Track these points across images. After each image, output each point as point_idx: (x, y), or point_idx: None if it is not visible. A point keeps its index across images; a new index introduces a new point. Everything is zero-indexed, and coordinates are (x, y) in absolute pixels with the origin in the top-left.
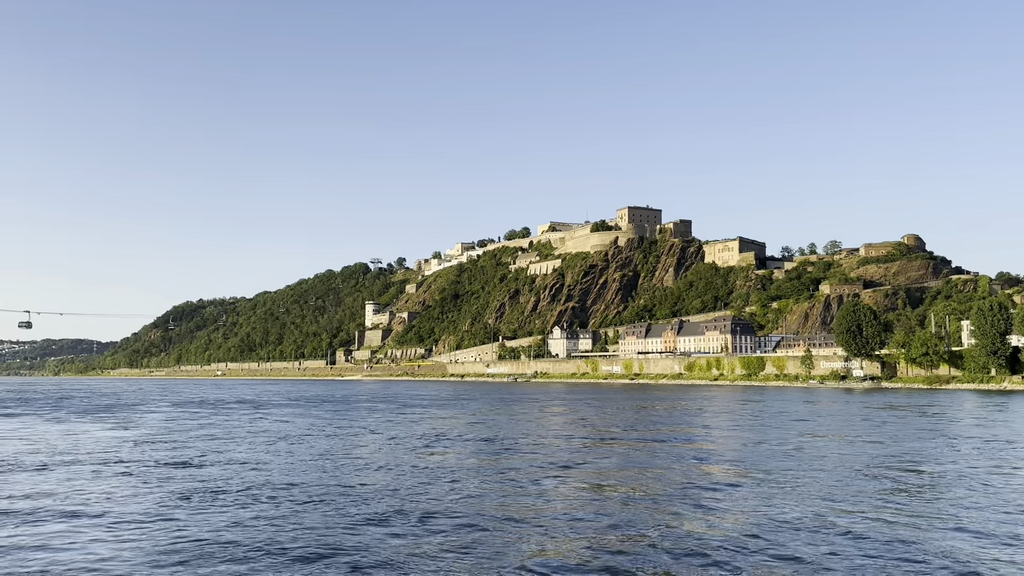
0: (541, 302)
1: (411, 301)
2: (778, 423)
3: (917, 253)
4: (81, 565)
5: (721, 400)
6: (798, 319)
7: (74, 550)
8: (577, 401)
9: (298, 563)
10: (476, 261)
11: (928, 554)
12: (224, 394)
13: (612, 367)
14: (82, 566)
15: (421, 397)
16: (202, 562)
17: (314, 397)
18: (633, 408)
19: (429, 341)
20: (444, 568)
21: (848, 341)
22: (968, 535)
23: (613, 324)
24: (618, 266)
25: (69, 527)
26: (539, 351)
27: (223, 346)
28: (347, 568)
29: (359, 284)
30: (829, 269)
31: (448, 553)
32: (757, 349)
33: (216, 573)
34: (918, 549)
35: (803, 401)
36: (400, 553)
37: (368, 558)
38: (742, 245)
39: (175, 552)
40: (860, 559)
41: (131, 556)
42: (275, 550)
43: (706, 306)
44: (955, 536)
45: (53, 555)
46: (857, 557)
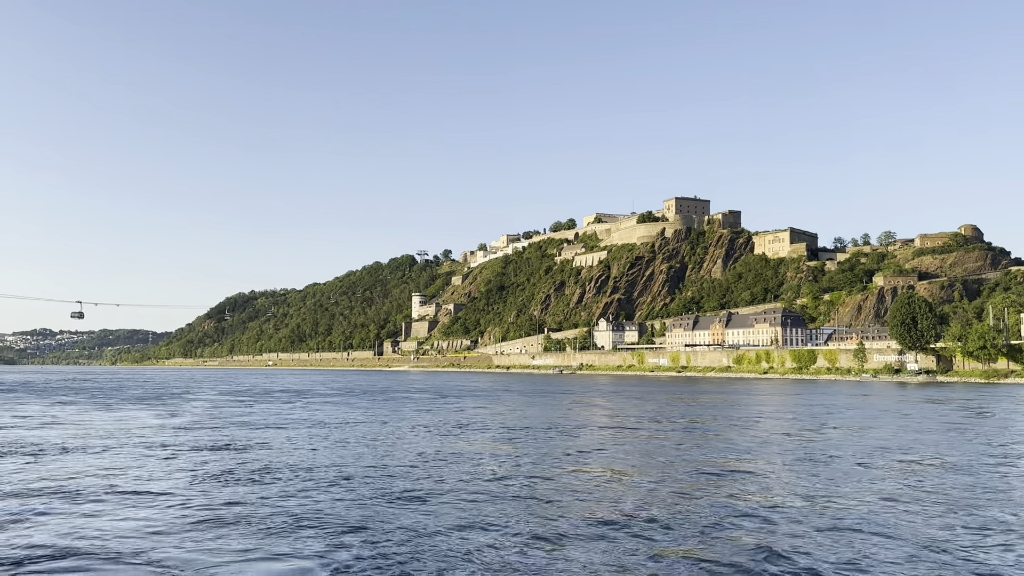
0: (587, 294)
1: (457, 293)
2: (826, 418)
3: (974, 244)
4: (107, 535)
5: (770, 394)
6: (851, 312)
7: (102, 521)
8: (621, 394)
9: (306, 533)
10: (521, 253)
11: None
12: (271, 383)
13: (659, 360)
14: (107, 535)
15: (463, 388)
16: (218, 531)
17: (357, 387)
18: (676, 401)
19: (475, 333)
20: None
21: (902, 334)
22: None
23: (660, 316)
24: (665, 257)
25: (102, 502)
26: (584, 343)
27: (274, 337)
28: (351, 539)
29: (406, 276)
30: (883, 261)
31: (433, 537)
32: (808, 342)
33: (230, 541)
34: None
35: (854, 395)
36: (403, 529)
37: (366, 534)
38: (793, 236)
39: (198, 523)
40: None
41: (154, 527)
42: (284, 523)
43: (755, 298)
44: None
45: (80, 526)
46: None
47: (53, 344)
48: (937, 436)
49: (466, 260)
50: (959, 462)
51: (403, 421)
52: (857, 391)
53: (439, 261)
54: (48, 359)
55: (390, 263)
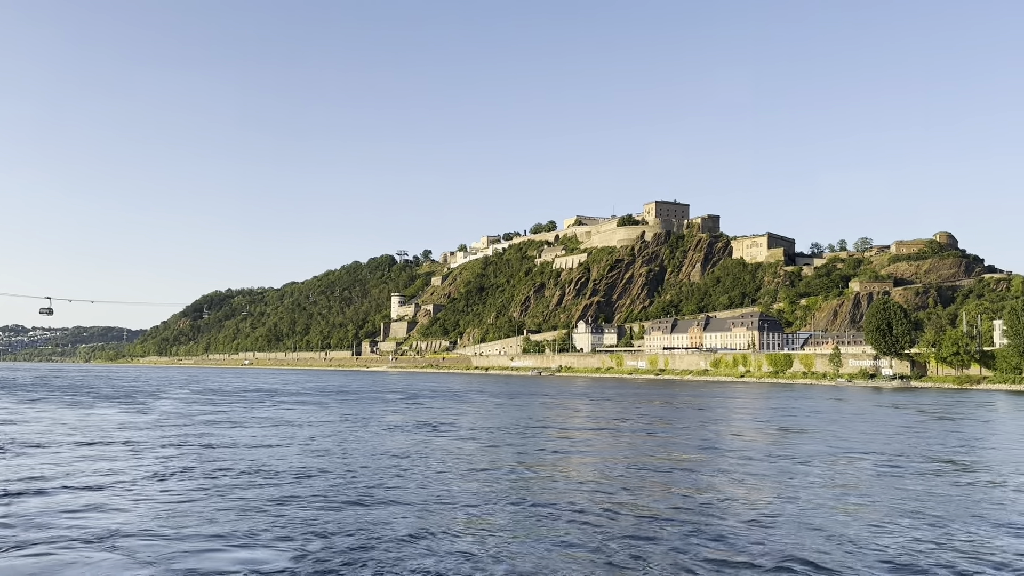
0: (566, 296)
1: (437, 293)
2: (791, 421)
3: (949, 251)
4: (59, 530)
5: (745, 398)
6: (827, 316)
7: (54, 515)
8: (596, 396)
9: (255, 531)
10: (502, 254)
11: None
12: (245, 383)
13: (637, 362)
14: (60, 531)
15: (438, 389)
16: (170, 528)
17: (331, 387)
18: (648, 404)
19: (454, 334)
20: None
21: (877, 339)
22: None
23: (638, 319)
24: (644, 261)
25: (55, 498)
26: (563, 345)
27: (250, 336)
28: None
29: (385, 276)
30: (859, 266)
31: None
32: (785, 346)
33: (180, 540)
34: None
35: (826, 399)
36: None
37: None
38: (771, 241)
39: (151, 519)
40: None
41: (106, 522)
42: (233, 520)
43: (733, 302)
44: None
45: (32, 522)
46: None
47: (26, 341)
48: (887, 439)
49: (446, 261)
50: (895, 464)
51: (369, 421)
52: (830, 395)
53: (419, 261)
54: (20, 356)
55: (369, 263)
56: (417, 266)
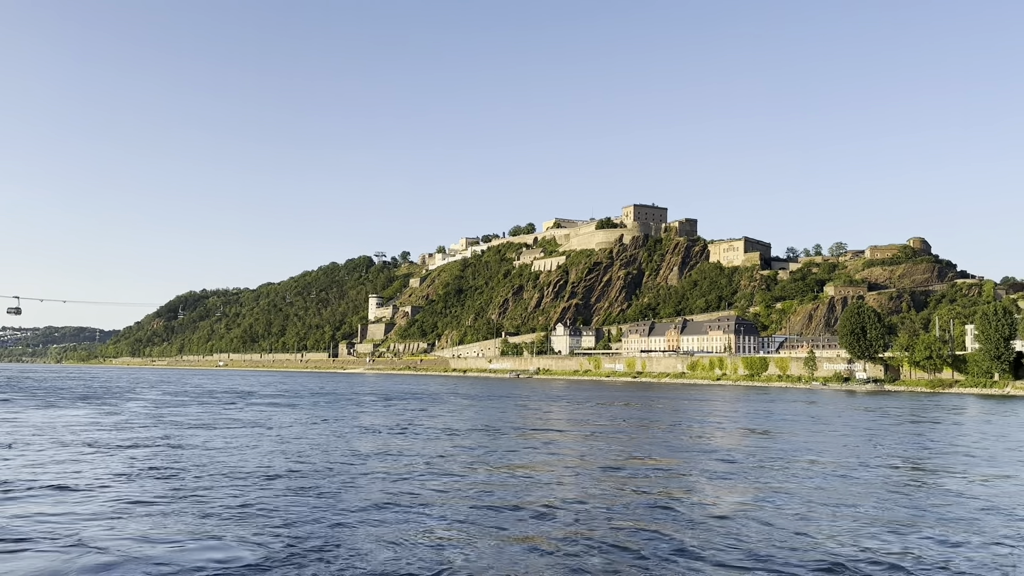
0: (545, 299)
1: (415, 295)
2: (758, 423)
3: (922, 256)
4: (21, 528)
5: (721, 400)
6: (802, 320)
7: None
8: (572, 399)
9: (217, 530)
10: (480, 256)
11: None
12: (218, 384)
13: (615, 365)
14: (22, 528)
15: (415, 391)
16: (132, 526)
17: (306, 389)
18: (622, 406)
19: (432, 336)
20: None
21: (852, 343)
22: None
23: (616, 322)
24: (623, 264)
25: (18, 498)
26: (542, 348)
27: (225, 336)
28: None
29: (363, 277)
30: (834, 271)
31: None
32: (760, 350)
33: (142, 539)
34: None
35: (799, 402)
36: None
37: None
38: (747, 245)
39: (112, 518)
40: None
41: (67, 520)
42: (195, 519)
43: (710, 306)
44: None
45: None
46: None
47: None
48: (853, 442)
49: (424, 262)
50: (847, 464)
51: (341, 423)
52: (804, 399)
53: (397, 263)
54: None
55: (347, 264)
56: (395, 267)
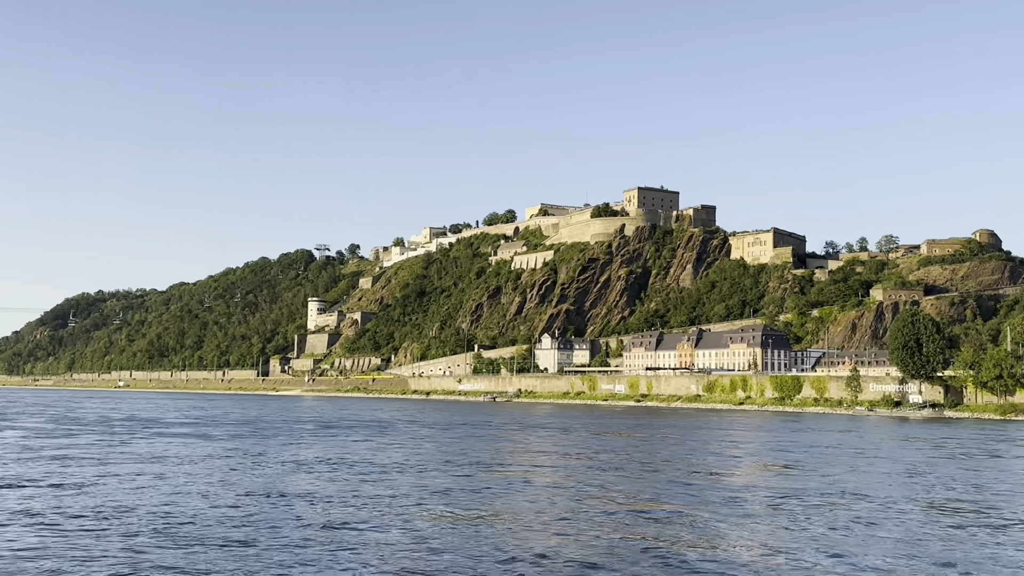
0: (528, 303)
1: (366, 299)
2: (801, 458)
3: (991, 253)
4: None
5: (744, 429)
6: (843, 331)
7: None
8: (560, 428)
9: None
10: (448, 250)
11: None
12: (117, 410)
13: (614, 386)
14: None
15: (361, 419)
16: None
17: (226, 416)
18: (628, 436)
19: (387, 349)
20: None
21: (904, 359)
22: None
23: (616, 333)
24: (624, 260)
25: None
26: (524, 364)
27: (127, 350)
28: None
29: (301, 276)
30: (883, 270)
31: None
32: (793, 367)
33: None
34: None
35: (841, 432)
36: None
37: None
38: (777, 238)
39: None
40: None
41: None
42: None
43: (731, 312)
44: None
45: None
46: None
47: None
48: (891, 482)
49: (378, 258)
50: (889, 516)
51: (262, 458)
52: (846, 427)
53: (344, 258)
54: None
55: (281, 260)
56: (341, 264)
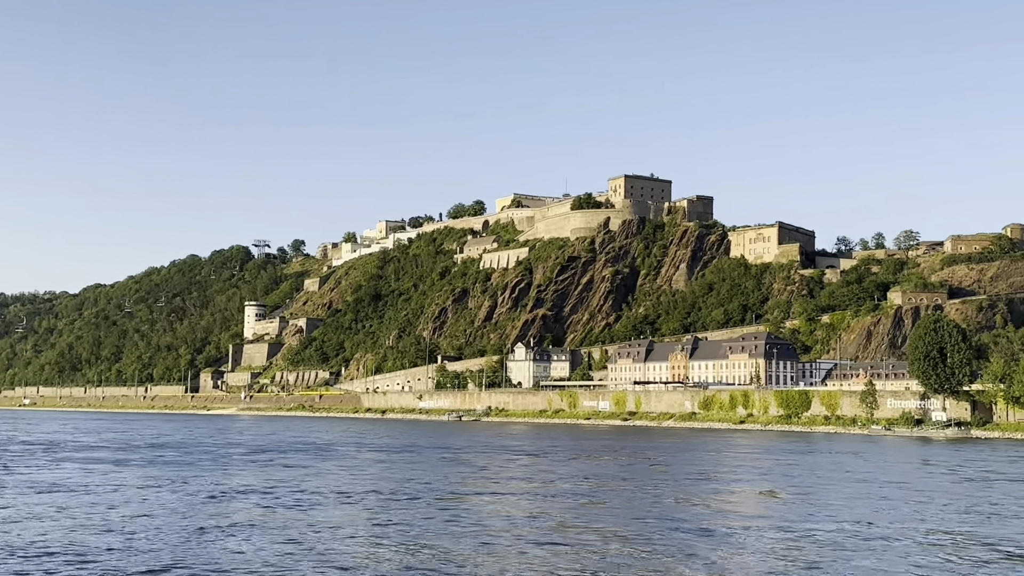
0: (499, 308)
1: (312, 303)
2: (805, 486)
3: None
4: None
5: (745, 451)
6: (857, 339)
7: None
8: (532, 448)
9: None
10: (407, 247)
11: None
12: (18, 431)
13: (598, 402)
14: None
15: (306, 441)
16: None
17: (148, 439)
18: (611, 459)
19: (337, 361)
20: None
21: (926, 371)
22: None
23: (600, 342)
24: (609, 259)
25: None
26: (495, 378)
27: (33, 363)
28: None
29: (236, 277)
30: (902, 270)
31: None
32: (801, 380)
33: None
34: None
35: (857, 455)
36: None
37: None
38: (782, 234)
39: None
40: None
41: None
42: None
43: (731, 318)
44: None
45: None
46: None
47: None
48: (903, 519)
49: (326, 256)
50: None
51: (182, 488)
52: (859, 448)
53: (286, 256)
54: None
55: (213, 258)
56: (284, 263)
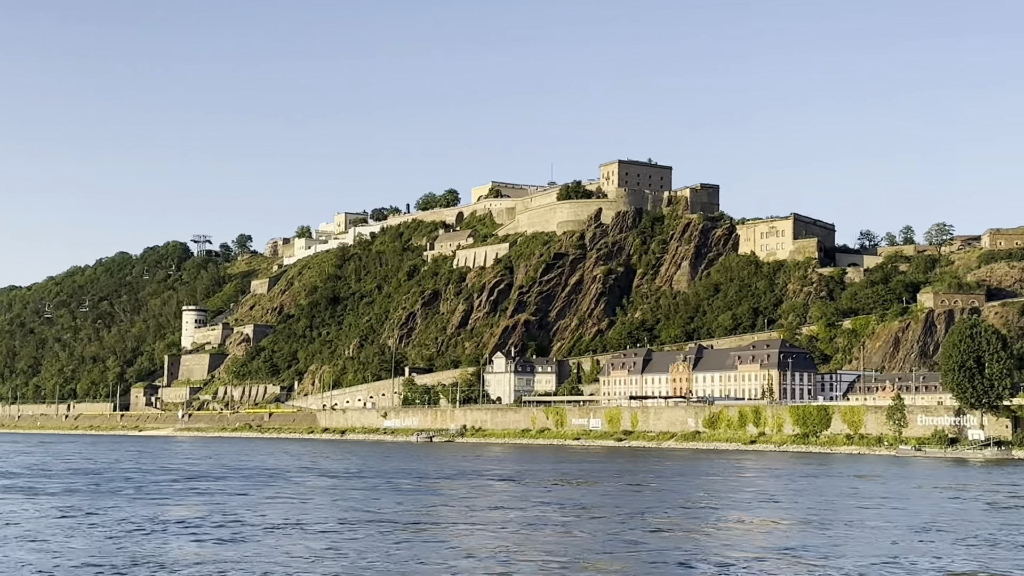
0: (475, 312)
1: (260, 307)
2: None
3: None
4: None
5: (754, 474)
6: (884, 347)
7: None
8: (518, 475)
9: None
10: (370, 243)
11: None
12: None
13: (588, 420)
14: None
15: (251, 466)
16: None
17: (67, 464)
18: (600, 487)
19: (289, 374)
20: None
21: (961, 384)
22: None
23: (591, 351)
24: (601, 256)
25: None
26: (470, 393)
27: None
28: None
29: (173, 278)
30: (934, 268)
31: None
32: (819, 394)
33: None
34: None
35: (880, 480)
36: None
37: None
38: (798, 227)
39: None
40: None
41: None
42: None
43: (740, 324)
44: None
45: None
46: None
47: None
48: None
49: (277, 253)
50: None
51: (99, 521)
52: (885, 472)
53: (230, 254)
54: None
55: (146, 256)
56: (227, 262)
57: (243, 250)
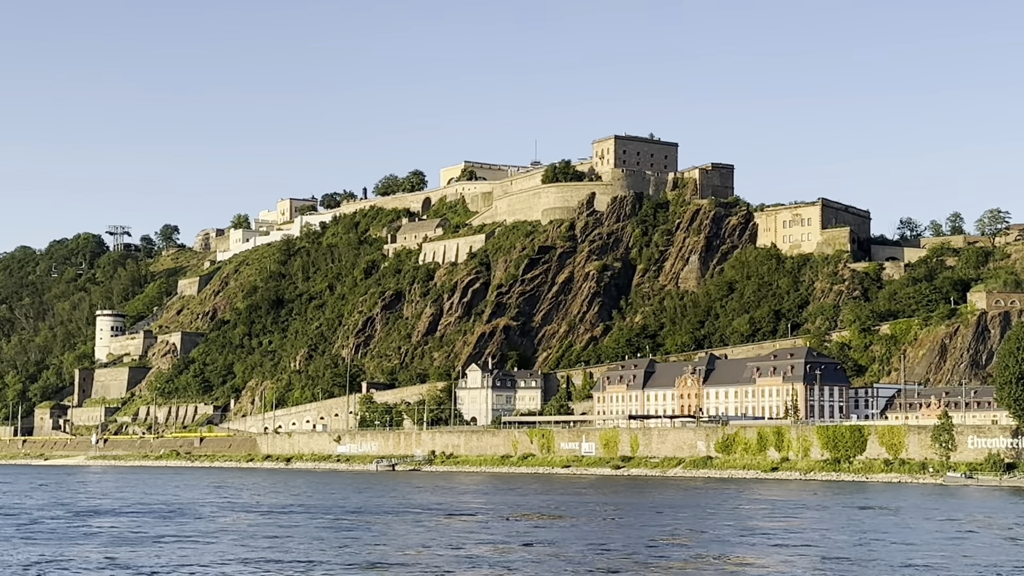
0: (445, 317)
1: (190, 311)
2: None
3: None
4: None
5: (774, 511)
6: (928, 356)
7: None
8: (493, 511)
9: None
10: (320, 235)
11: None
12: None
13: (580, 444)
14: None
15: (166, 500)
16: None
17: None
18: (593, 523)
19: (224, 391)
20: None
21: (1019, 399)
22: None
23: (583, 362)
24: (595, 249)
25: None
26: (440, 413)
27: None
28: None
29: (84, 277)
30: (986, 263)
31: None
32: (852, 412)
33: None
34: None
35: (922, 515)
36: None
37: None
38: (827, 215)
39: None
40: None
41: None
42: None
43: (759, 329)
44: None
45: None
46: None
47: None
48: None
49: (209, 247)
50: None
51: None
52: (929, 505)
53: (153, 249)
54: None
55: (52, 251)
56: (150, 257)
57: (168, 244)
